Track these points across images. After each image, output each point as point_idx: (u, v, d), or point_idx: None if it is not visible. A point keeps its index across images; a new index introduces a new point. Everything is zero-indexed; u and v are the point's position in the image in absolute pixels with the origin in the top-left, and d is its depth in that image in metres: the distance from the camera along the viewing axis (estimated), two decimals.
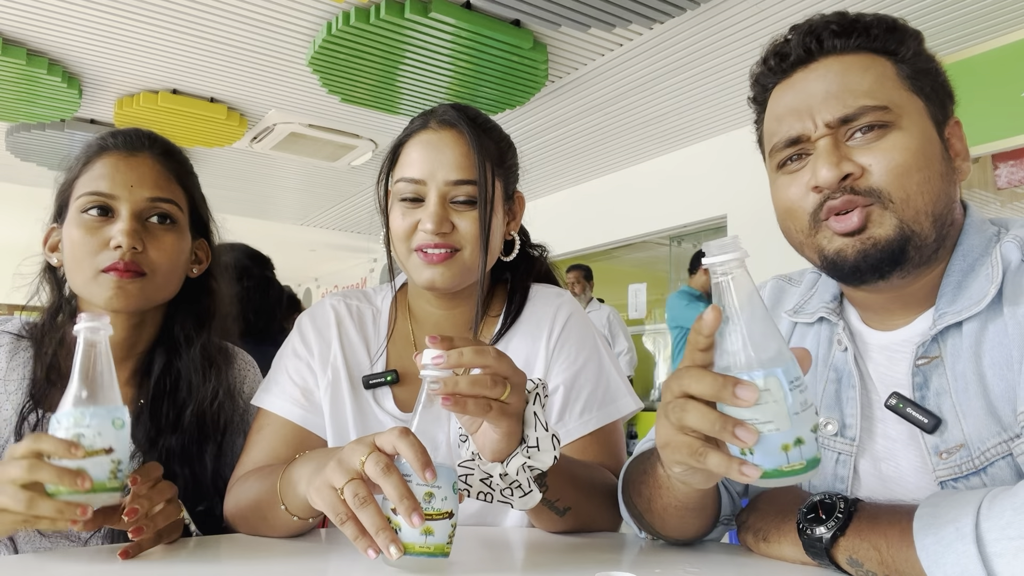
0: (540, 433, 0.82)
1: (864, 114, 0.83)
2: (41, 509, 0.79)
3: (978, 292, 0.81)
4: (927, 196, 0.82)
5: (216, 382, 1.17)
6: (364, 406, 1.13)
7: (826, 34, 0.86)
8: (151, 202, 1.10)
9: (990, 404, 0.78)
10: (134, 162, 1.12)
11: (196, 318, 1.19)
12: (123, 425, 0.84)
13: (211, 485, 1.10)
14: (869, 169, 0.82)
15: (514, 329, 1.16)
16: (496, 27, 3.59)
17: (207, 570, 0.87)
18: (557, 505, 0.95)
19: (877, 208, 0.82)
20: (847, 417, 0.89)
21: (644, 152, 5.65)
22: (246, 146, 5.40)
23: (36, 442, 0.81)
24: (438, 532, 0.75)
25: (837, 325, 0.93)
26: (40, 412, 1.07)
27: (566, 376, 1.11)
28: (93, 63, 4.14)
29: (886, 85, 0.84)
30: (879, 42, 0.85)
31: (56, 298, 1.17)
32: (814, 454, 0.65)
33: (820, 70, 0.86)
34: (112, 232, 1.07)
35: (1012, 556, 0.62)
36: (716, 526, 0.97)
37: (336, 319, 1.19)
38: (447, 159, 1.08)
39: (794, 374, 0.65)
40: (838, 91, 0.84)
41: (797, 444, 0.64)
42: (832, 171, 0.82)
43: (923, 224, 0.82)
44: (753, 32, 3.74)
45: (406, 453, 0.75)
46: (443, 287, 1.09)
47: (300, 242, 8.66)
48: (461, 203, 1.08)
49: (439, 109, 1.13)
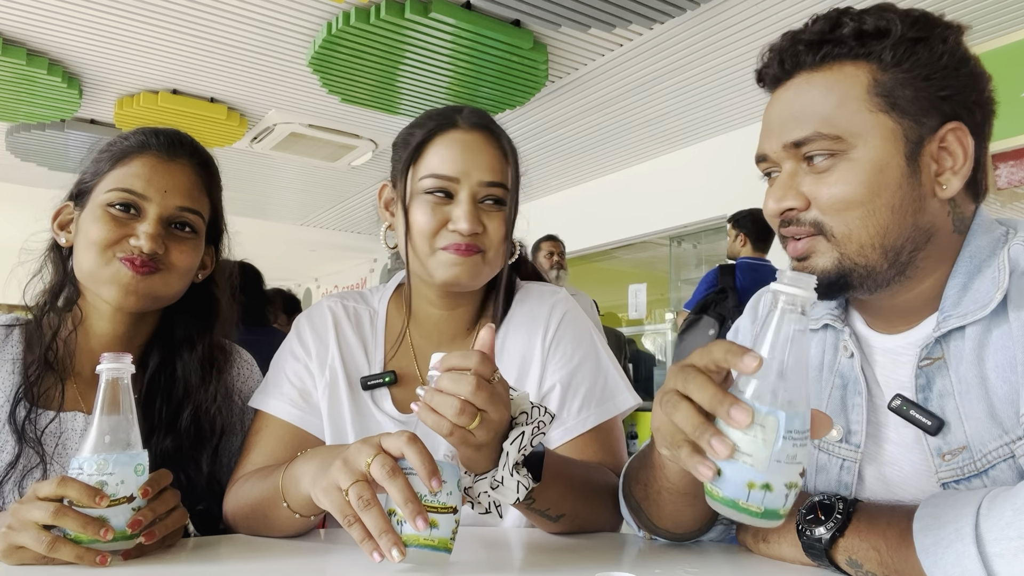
0: (505, 474, 0.83)
1: (815, 140, 0.82)
2: (62, 554, 0.80)
3: (983, 296, 0.81)
4: (871, 230, 0.81)
5: (216, 386, 1.16)
6: (362, 407, 1.13)
7: (800, 48, 0.85)
8: (179, 211, 1.11)
9: (992, 407, 0.77)
10: (173, 167, 1.12)
11: (198, 322, 1.19)
12: (144, 471, 0.84)
13: (207, 487, 1.10)
14: (814, 202, 0.83)
15: (509, 328, 1.16)
16: (496, 27, 3.59)
17: (207, 570, 0.87)
18: (549, 513, 0.96)
19: (821, 240, 0.84)
20: (852, 424, 0.89)
21: (644, 152, 5.65)
22: (246, 146, 5.41)
23: (62, 487, 0.81)
24: (442, 525, 0.76)
25: (843, 332, 0.92)
26: (29, 405, 1.06)
27: (563, 373, 1.12)
28: (93, 63, 4.14)
29: (848, 107, 0.82)
30: (857, 49, 0.82)
31: (60, 278, 1.15)
32: (777, 507, 0.65)
33: (792, 88, 0.86)
34: (136, 230, 1.07)
35: (1012, 556, 0.62)
36: (715, 525, 0.97)
37: (333, 321, 1.19)
38: (482, 161, 1.09)
39: (798, 427, 0.65)
40: (798, 113, 0.84)
41: (764, 489, 0.64)
42: (775, 204, 0.86)
43: (869, 256, 0.82)
44: (753, 32, 3.74)
45: (413, 461, 0.76)
46: (467, 285, 1.10)
47: (300, 242, 8.66)
48: (491, 203, 1.09)
49: (464, 110, 1.13)
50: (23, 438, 1.03)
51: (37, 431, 1.05)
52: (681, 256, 6.23)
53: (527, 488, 0.84)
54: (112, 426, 0.83)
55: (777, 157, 0.87)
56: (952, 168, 0.83)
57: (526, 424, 0.84)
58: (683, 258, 6.16)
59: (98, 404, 0.83)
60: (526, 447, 0.84)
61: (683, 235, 6.04)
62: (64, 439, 1.08)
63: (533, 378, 1.12)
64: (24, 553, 0.81)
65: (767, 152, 0.89)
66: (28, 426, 1.04)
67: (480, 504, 0.85)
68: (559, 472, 0.94)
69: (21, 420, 1.04)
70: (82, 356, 1.13)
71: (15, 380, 1.08)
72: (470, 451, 0.82)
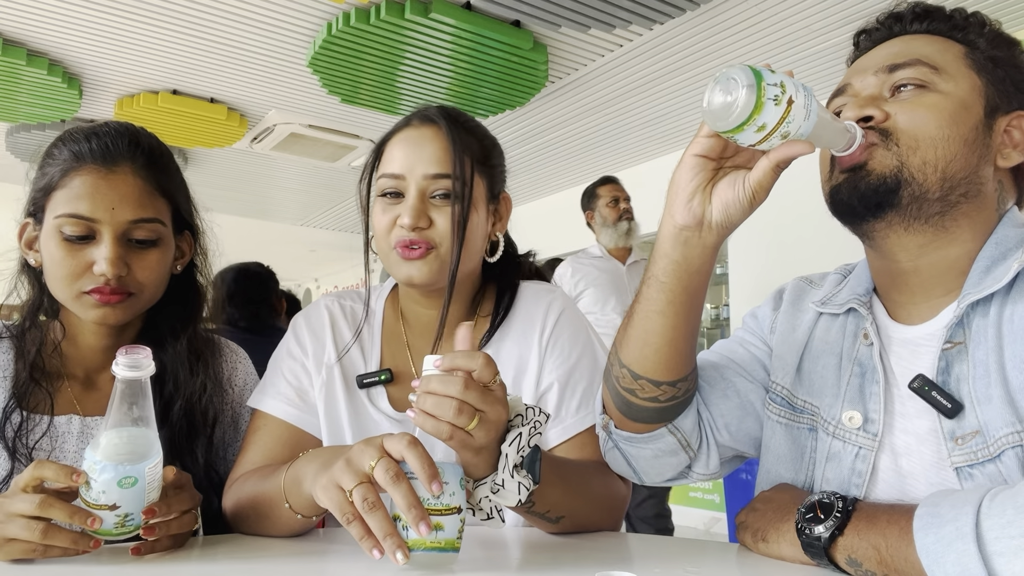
0: (506, 476, 0.83)
1: (913, 65, 0.87)
2: (56, 540, 0.80)
3: (1003, 271, 0.82)
4: (940, 151, 0.85)
5: (204, 375, 1.15)
6: (359, 406, 1.13)
7: (908, 16, 0.93)
8: (134, 223, 1.05)
9: (1008, 394, 0.77)
10: (114, 179, 1.05)
11: (181, 311, 1.18)
12: (134, 483, 0.81)
13: (204, 477, 1.10)
14: (893, 116, 0.86)
15: (506, 328, 1.16)
16: (496, 28, 3.59)
17: (207, 570, 0.87)
18: (549, 515, 0.96)
19: (883, 148, 0.86)
20: (871, 412, 0.88)
21: (644, 153, 5.65)
22: (246, 146, 5.41)
23: (38, 469, 0.81)
24: (448, 527, 0.77)
25: (866, 319, 0.92)
26: (24, 412, 1.06)
27: (560, 372, 1.11)
28: (93, 63, 4.14)
29: (946, 55, 0.89)
30: (958, 32, 0.91)
31: (37, 296, 1.13)
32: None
33: (891, 43, 0.93)
34: (95, 256, 1.03)
35: (1013, 555, 0.62)
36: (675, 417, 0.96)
37: (330, 319, 1.19)
38: (426, 153, 1.09)
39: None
40: (898, 51, 0.90)
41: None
42: (856, 111, 0.88)
43: (927, 175, 0.84)
44: (753, 32, 3.74)
45: (414, 465, 0.77)
46: (421, 283, 1.10)
47: (300, 242, 8.66)
48: (440, 197, 1.09)
49: (425, 109, 1.14)
50: (14, 454, 1.03)
51: (29, 445, 1.04)
52: None
53: (528, 489, 0.84)
54: (110, 428, 0.82)
55: (862, 86, 0.91)
56: (1013, 145, 0.89)
57: (522, 426, 0.84)
58: None
59: (112, 401, 0.82)
60: (524, 448, 0.84)
61: None
62: (60, 443, 1.08)
63: (530, 377, 1.12)
64: (15, 546, 0.80)
65: (852, 81, 0.92)
66: (19, 443, 1.03)
67: (482, 510, 0.85)
68: (558, 473, 0.94)
69: (12, 436, 1.03)
70: (73, 359, 1.13)
71: (5, 394, 1.07)
72: (470, 454, 0.82)
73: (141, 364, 0.82)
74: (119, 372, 0.81)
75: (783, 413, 0.98)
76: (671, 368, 0.91)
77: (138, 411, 0.82)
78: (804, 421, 0.96)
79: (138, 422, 0.82)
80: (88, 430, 1.09)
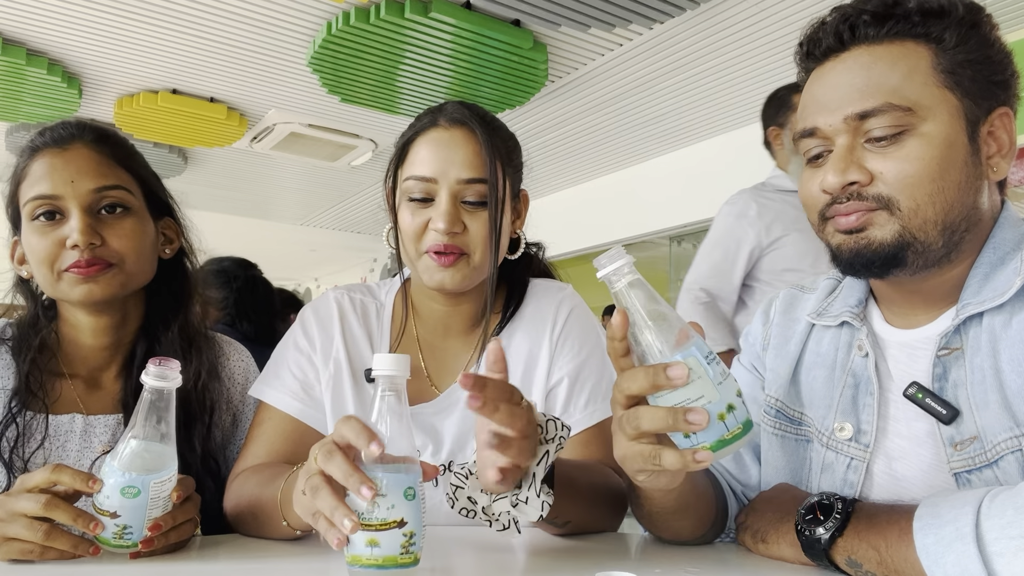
0: (531, 494, 0.82)
1: (886, 111, 0.80)
2: (57, 542, 0.80)
3: (1003, 284, 0.81)
4: (938, 206, 0.81)
5: (198, 362, 1.15)
6: (366, 400, 1.13)
7: (860, 22, 0.83)
8: (97, 192, 1.07)
9: (1005, 399, 0.77)
10: (68, 156, 1.08)
11: (173, 299, 1.18)
12: (136, 495, 0.81)
13: (201, 467, 1.10)
14: (880, 176, 0.81)
15: (516, 325, 1.16)
16: (496, 27, 3.59)
17: (207, 570, 0.88)
18: (556, 521, 0.95)
19: (883, 214, 0.82)
20: (863, 424, 0.88)
21: (644, 152, 5.65)
22: (246, 146, 5.40)
23: (56, 473, 0.81)
24: (385, 543, 0.70)
25: (860, 331, 0.92)
26: (22, 420, 1.06)
27: (570, 368, 1.12)
28: (93, 63, 4.14)
29: (915, 80, 0.81)
30: (920, 28, 0.82)
31: (32, 308, 1.15)
32: (746, 416, 0.70)
33: (849, 61, 0.84)
34: (67, 232, 1.05)
35: (1012, 555, 0.62)
36: (724, 529, 0.98)
37: (339, 312, 1.18)
38: (459, 157, 1.07)
39: (706, 349, 0.69)
40: (863, 85, 0.82)
41: (730, 410, 0.68)
42: (837, 178, 0.82)
43: (929, 233, 0.81)
44: (753, 32, 3.74)
45: (332, 472, 0.72)
46: (453, 289, 1.10)
47: (300, 242, 8.64)
48: (472, 204, 1.08)
49: (448, 107, 1.12)
50: (11, 469, 1.03)
51: (24, 457, 1.04)
52: (681, 256, 6.23)
53: (550, 506, 0.83)
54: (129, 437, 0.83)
55: (832, 131, 0.84)
56: (1000, 152, 0.84)
57: (547, 442, 0.82)
58: (683, 258, 6.15)
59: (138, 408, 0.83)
60: (550, 466, 0.83)
61: (683, 235, 6.03)
62: (63, 441, 1.08)
63: (540, 374, 1.13)
64: (15, 545, 0.80)
65: (820, 126, 0.85)
66: (15, 456, 1.03)
67: (499, 522, 0.84)
68: (568, 482, 0.93)
69: (8, 451, 1.03)
70: (76, 360, 1.13)
71: (2, 406, 1.07)
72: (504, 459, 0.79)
73: (169, 376, 0.83)
74: (147, 381, 0.82)
75: (778, 424, 0.98)
76: (687, 535, 0.96)
77: (157, 423, 0.83)
78: (799, 432, 0.96)
79: (156, 435, 0.83)
80: (91, 429, 1.09)
